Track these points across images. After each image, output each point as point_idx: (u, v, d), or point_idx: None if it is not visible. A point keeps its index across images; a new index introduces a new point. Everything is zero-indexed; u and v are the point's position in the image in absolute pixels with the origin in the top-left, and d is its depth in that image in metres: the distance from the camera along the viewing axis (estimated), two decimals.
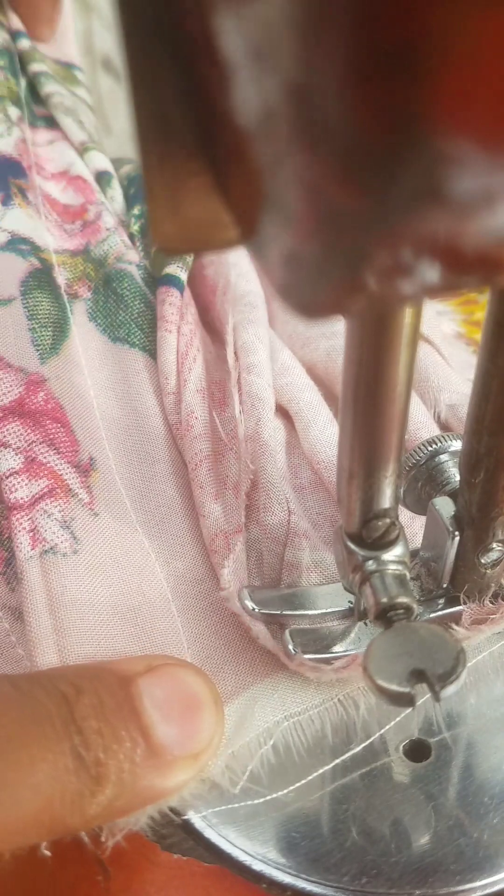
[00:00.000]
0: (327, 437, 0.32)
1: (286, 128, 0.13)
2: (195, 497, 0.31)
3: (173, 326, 0.34)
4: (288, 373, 0.34)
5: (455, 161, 0.12)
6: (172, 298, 0.34)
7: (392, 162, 0.12)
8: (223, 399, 0.33)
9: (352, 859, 0.24)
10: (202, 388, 0.33)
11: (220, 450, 0.32)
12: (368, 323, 0.19)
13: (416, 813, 0.25)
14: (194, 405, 0.32)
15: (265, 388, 0.32)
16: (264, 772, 0.26)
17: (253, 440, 0.30)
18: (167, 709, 0.23)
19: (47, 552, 0.28)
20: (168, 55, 0.15)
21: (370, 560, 0.24)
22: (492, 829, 0.25)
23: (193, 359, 0.33)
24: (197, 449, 0.31)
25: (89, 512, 0.30)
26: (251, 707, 0.26)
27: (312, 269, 0.14)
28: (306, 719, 0.26)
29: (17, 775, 0.20)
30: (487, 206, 0.13)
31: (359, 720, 0.26)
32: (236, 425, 0.32)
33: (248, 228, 0.16)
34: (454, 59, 0.11)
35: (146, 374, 0.34)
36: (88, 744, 0.22)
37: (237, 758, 0.26)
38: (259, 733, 0.26)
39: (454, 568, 0.27)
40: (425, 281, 0.14)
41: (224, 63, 0.14)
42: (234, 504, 0.30)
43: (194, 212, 0.17)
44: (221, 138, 0.15)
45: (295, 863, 0.24)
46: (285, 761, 0.26)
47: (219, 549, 0.29)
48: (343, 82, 0.12)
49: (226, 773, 0.25)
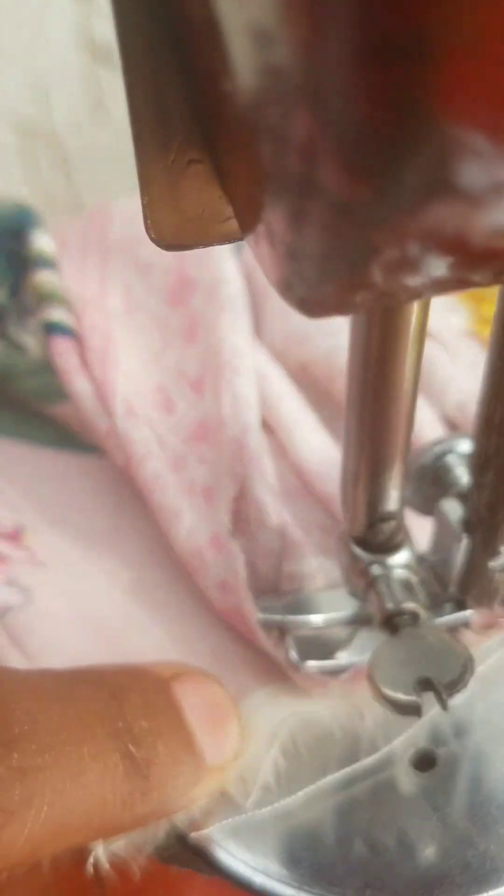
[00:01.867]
0: (312, 443, 0.31)
1: (288, 117, 0.12)
2: (160, 523, 0.30)
3: (76, 373, 0.32)
4: (265, 380, 0.34)
5: (464, 151, 0.12)
6: (61, 348, 0.32)
7: (399, 152, 0.12)
8: (168, 403, 0.32)
9: (355, 872, 0.24)
10: (131, 408, 0.32)
11: (175, 459, 0.31)
12: (374, 320, 0.19)
13: (422, 824, 0.24)
14: (129, 429, 0.31)
15: (252, 394, 0.32)
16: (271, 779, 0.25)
17: (240, 447, 0.30)
18: (202, 716, 0.23)
19: (5, 615, 0.29)
20: (166, 43, 0.15)
21: (375, 564, 0.24)
22: (499, 840, 0.24)
23: (113, 381, 0.32)
24: (144, 475, 0.30)
25: (32, 564, 0.31)
26: (255, 712, 0.26)
27: (315, 263, 0.14)
28: (312, 716, 0.26)
29: (68, 775, 0.20)
30: (497, 198, 0.12)
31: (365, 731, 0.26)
32: (194, 424, 0.31)
33: (248, 221, 0.16)
34: (462, 44, 0.11)
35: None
36: (140, 743, 0.21)
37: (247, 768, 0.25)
38: (264, 737, 0.26)
39: (462, 572, 0.26)
40: (433, 275, 0.13)
41: (224, 50, 0.13)
42: (206, 511, 0.29)
43: (193, 204, 0.16)
44: (221, 127, 0.15)
45: (297, 875, 0.24)
46: (290, 768, 0.25)
47: (195, 569, 0.28)
48: (347, 68, 0.11)
49: (238, 783, 0.25)
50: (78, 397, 0.32)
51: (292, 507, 0.31)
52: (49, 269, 0.34)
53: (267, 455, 0.32)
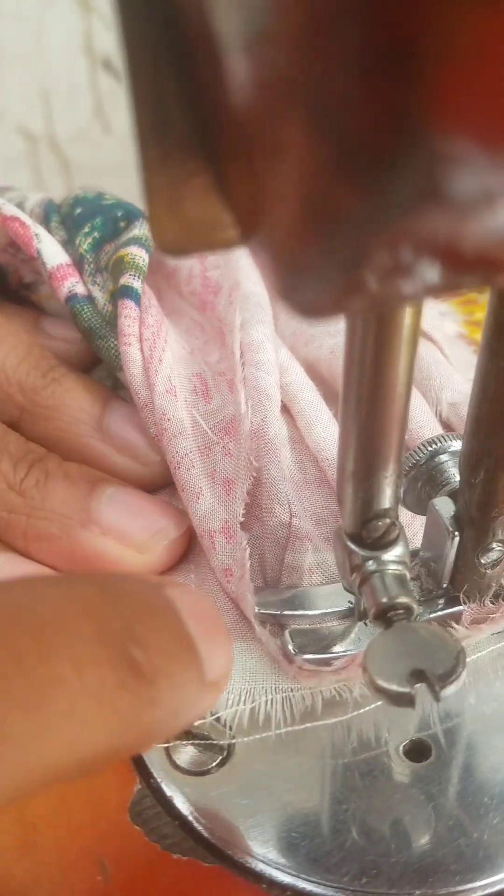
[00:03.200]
0: (330, 435, 0.32)
1: (285, 127, 0.13)
2: (182, 499, 0.31)
3: (133, 339, 0.33)
4: (287, 372, 0.34)
5: (455, 160, 0.12)
6: (128, 311, 0.34)
7: (391, 160, 0.12)
8: (206, 391, 0.33)
9: (352, 859, 0.24)
10: (171, 388, 0.32)
11: (205, 444, 0.32)
12: (368, 322, 0.19)
13: (417, 813, 0.25)
14: (165, 406, 0.32)
15: (273, 386, 0.32)
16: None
17: (258, 437, 0.30)
18: (199, 623, 0.20)
19: None
20: (168, 54, 0.15)
21: (370, 560, 0.24)
22: (492, 829, 0.25)
23: (159, 360, 0.33)
24: (174, 451, 0.31)
25: None
26: (242, 658, 0.27)
27: (312, 269, 0.14)
28: (297, 697, 0.26)
29: (61, 690, 0.16)
30: (487, 206, 0.13)
31: (351, 700, 0.26)
32: (226, 418, 0.32)
33: (248, 228, 0.16)
34: (453, 56, 0.11)
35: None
36: (146, 645, 0.18)
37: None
38: (242, 690, 0.26)
39: (454, 568, 0.27)
40: (425, 281, 0.14)
41: (223, 60, 0.14)
42: (225, 499, 0.30)
43: (194, 212, 0.16)
44: (221, 137, 0.15)
45: (295, 863, 0.24)
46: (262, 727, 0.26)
47: (206, 549, 0.29)
48: (342, 79, 0.12)
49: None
50: (128, 362, 0.33)
51: (308, 497, 0.31)
52: (143, 249, 0.35)
53: (285, 446, 0.32)
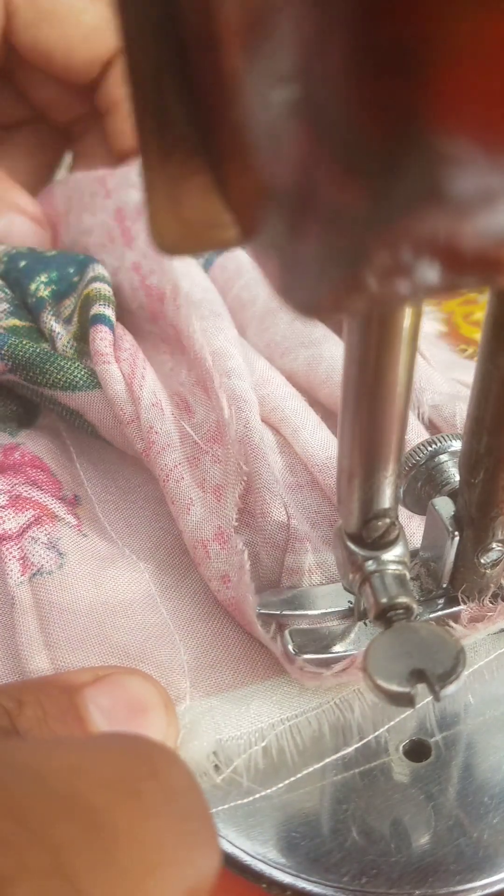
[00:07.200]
0: (318, 440, 0.32)
1: (286, 126, 0.13)
2: (172, 512, 0.31)
3: (110, 357, 0.34)
4: (268, 383, 0.34)
5: (454, 161, 0.12)
6: (102, 334, 0.34)
7: (392, 161, 0.12)
8: (187, 407, 0.33)
9: (352, 859, 0.24)
10: (157, 402, 0.33)
11: (193, 455, 0.32)
12: (369, 323, 0.19)
13: (416, 813, 0.25)
14: (152, 420, 0.32)
15: (248, 390, 0.32)
16: (260, 770, 0.26)
17: (243, 443, 0.30)
18: (113, 715, 0.23)
19: (35, 575, 0.30)
20: (169, 54, 0.15)
21: (370, 560, 0.24)
22: (492, 828, 0.25)
23: (142, 376, 0.33)
24: (162, 464, 0.31)
25: (77, 533, 0.32)
26: (247, 703, 0.27)
27: (312, 268, 0.14)
28: (303, 722, 0.26)
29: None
30: (487, 206, 0.13)
31: (354, 722, 0.26)
32: (212, 428, 0.32)
33: (248, 228, 0.16)
34: (453, 57, 0.11)
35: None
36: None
37: (225, 748, 0.26)
38: (252, 731, 0.26)
39: (454, 568, 0.27)
40: (425, 281, 0.14)
41: (224, 61, 0.14)
42: (215, 507, 0.30)
43: (194, 212, 0.17)
44: (221, 137, 0.15)
45: (295, 863, 0.24)
46: (278, 762, 0.26)
47: (200, 559, 0.29)
48: (343, 80, 0.12)
49: (211, 757, 0.25)
50: (109, 379, 0.33)
51: (301, 500, 0.31)
52: (105, 284, 0.36)
53: (273, 450, 0.32)
